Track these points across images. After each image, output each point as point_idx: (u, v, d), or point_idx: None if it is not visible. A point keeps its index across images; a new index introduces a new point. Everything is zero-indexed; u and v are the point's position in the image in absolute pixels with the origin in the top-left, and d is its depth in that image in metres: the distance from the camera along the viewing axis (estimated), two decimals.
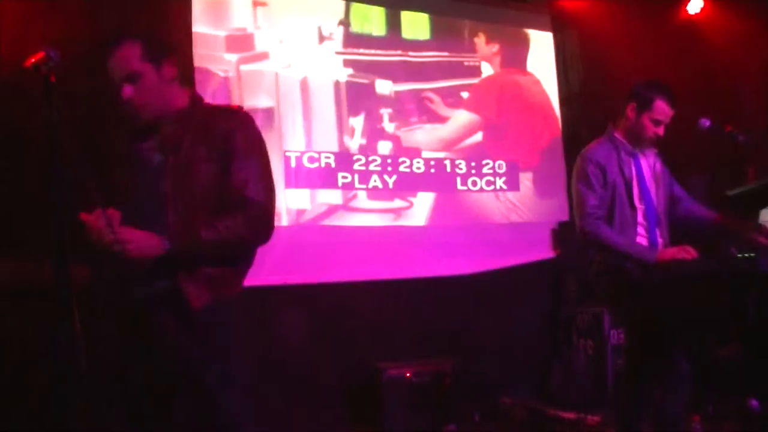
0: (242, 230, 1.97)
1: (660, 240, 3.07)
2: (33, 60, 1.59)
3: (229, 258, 2.02)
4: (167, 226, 1.95)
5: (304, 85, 4.44)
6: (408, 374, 4.13)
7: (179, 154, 2.00)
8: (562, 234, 5.00)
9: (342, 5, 4.66)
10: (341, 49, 4.59)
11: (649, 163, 3.15)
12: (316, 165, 4.45)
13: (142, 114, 2.03)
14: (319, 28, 4.53)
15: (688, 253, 2.83)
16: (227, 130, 2.01)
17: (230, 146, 2.00)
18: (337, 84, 4.55)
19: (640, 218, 3.05)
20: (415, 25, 4.89)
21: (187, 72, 3.81)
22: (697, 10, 5.28)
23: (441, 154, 4.86)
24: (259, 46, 4.33)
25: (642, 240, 3.04)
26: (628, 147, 3.10)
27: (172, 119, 2.04)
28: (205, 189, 1.98)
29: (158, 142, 2.04)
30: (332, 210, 4.48)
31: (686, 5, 5.30)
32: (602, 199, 3.02)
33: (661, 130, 3.05)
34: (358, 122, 4.60)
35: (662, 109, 3.01)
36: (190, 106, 2.10)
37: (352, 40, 4.65)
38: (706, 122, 3.05)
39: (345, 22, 4.63)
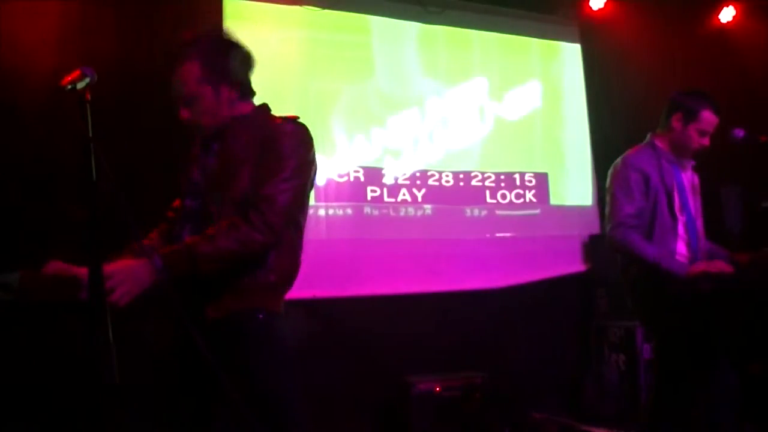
0: (243, 237, 1.87)
1: (700, 253, 2.99)
2: (69, 78, 1.62)
3: (231, 265, 1.92)
4: (200, 232, 1.93)
5: None
6: (438, 388, 4.11)
7: (224, 157, 2.01)
8: (592, 247, 4.97)
9: None
10: None
11: (687, 176, 3.09)
12: (345, 179, 4.48)
13: (200, 129, 2.06)
14: None
15: (720, 267, 2.77)
16: (274, 135, 1.98)
17: (269, 150, 1.95)
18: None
19: (680, 229, 2.98)
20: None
21: None
22: (729, 19, 5.23)
23: (470, 167, 4.86)
24: None
25: (684, 251, 2.96)
26: (670, 156, 3.02)
27: (233, 126, 2.04)
28: (243, 192, 1.94)
29: (218, 148, 2.05)
30: (361, 224, 4.50)
31: (718, 14, 5.25)
32: (641, 209, 2.94)
33: (706, 141, 2.99)
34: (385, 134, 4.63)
35: (709, 119, 2.96)
36: (252, 113, 2.08)
37: None
38: (739, 132, 3.00)
39: None
